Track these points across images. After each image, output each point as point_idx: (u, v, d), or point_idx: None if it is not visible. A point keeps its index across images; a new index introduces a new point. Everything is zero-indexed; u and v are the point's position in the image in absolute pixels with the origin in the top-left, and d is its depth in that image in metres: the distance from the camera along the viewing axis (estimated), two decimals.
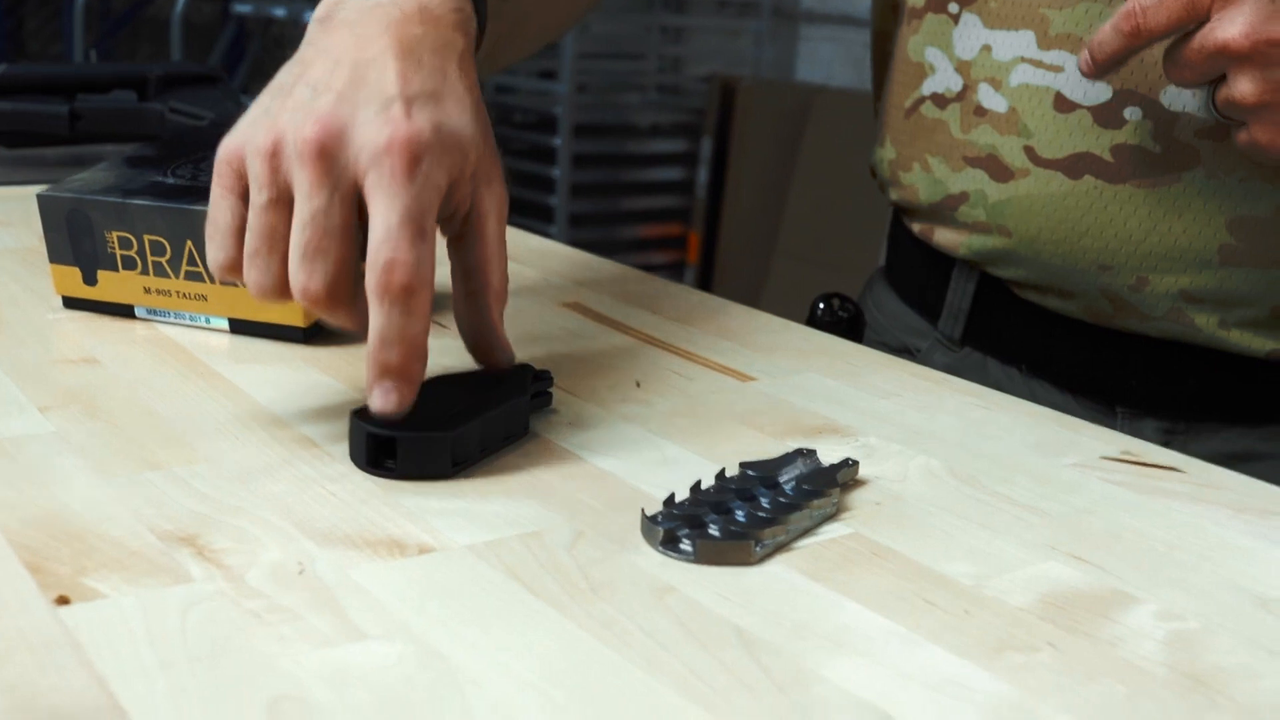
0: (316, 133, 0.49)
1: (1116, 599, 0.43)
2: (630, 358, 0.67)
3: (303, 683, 0.35)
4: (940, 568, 0.45)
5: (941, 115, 0.78)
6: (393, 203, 0.48)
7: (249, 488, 0.48)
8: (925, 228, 0.82)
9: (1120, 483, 0.53)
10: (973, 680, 0.37)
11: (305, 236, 0.49)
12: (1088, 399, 0.76)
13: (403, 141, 0.49)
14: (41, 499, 0.46)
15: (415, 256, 0.48)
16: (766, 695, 0.36)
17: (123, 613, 0.38)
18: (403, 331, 0.48)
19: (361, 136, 0.49)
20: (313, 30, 0.55)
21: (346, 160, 0.49)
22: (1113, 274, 0.72)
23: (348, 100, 0.50)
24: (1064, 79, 0.71)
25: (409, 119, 0.49)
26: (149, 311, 0.68)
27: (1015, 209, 0.74)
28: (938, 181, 0.78)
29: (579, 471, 0.52)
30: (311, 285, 0.49)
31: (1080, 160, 0.71)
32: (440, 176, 0.50)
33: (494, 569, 0.43)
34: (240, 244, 0.51)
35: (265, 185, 0.50)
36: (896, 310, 0.88)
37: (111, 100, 1.16)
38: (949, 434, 0.58)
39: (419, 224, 0.48)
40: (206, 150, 0.72)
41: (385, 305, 0.48)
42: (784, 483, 0.49)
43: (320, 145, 0.49)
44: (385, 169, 0.49)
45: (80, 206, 0.66)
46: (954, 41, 0.77)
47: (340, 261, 0.49)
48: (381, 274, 0.48)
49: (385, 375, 0.49)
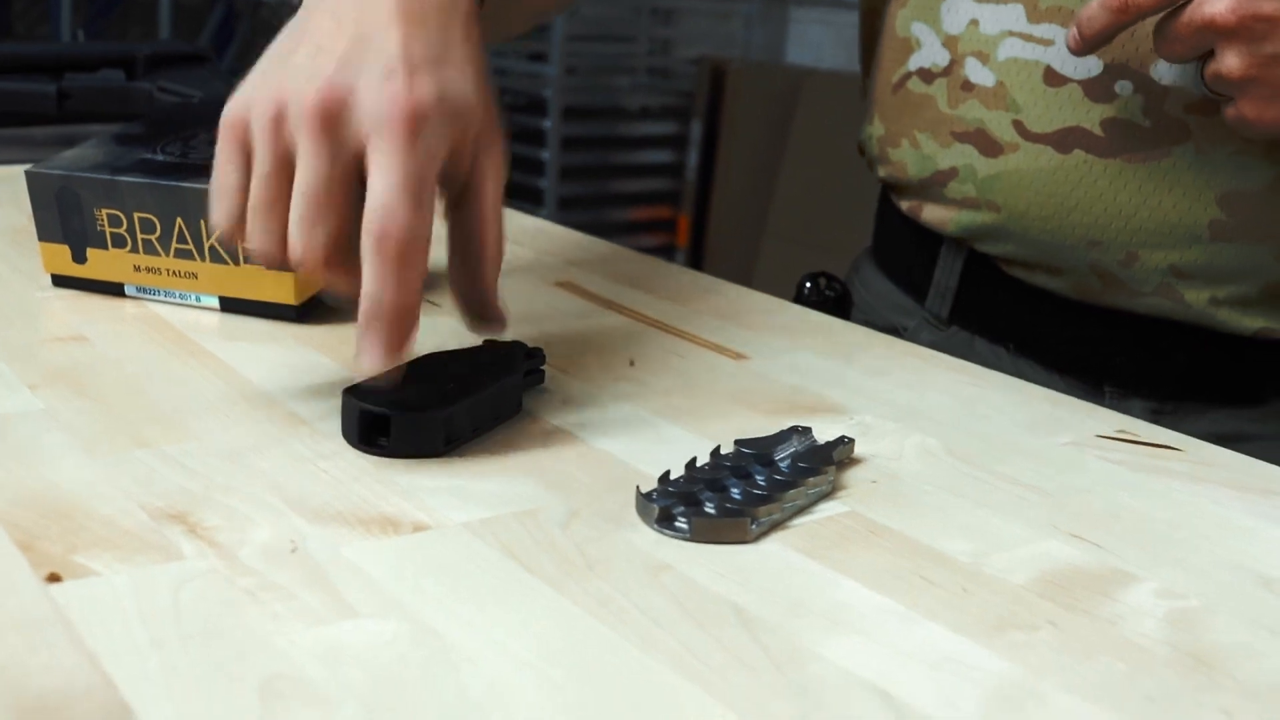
0: (319, 99, 0.49)
1: (1116, 577, 0.43)
2: (624, 337, 0.66)
3: (296, 661, 0.35)
4: (938, 545, 0.44)
5: (929, 90, 0.77)
6: (392, 168, 0.48)
7: (240, 465, 0.48)
8: (914, 205, 0.81)
9: (1119, 461, 0.53)
10: (972, 658, 0.37)
11: (305, 202, 0.49)
12: (1075, 378, 0.76)
13: (405, 109, 0.48)
14: (31, 478, 0.46)
15: (412, 220, 0.48)
16: (764, 673, 0.36)
17: (114, 590, 0.38)
18: (396, 292, 0.48)
19: (364, 103, 0.49)
20: None
21: (349, 127, 0.49)
22: (1102, 249, 0.72)
23: (350, 65, 0.50)
24: (1054, 53, 0.71)
25: (411, 86, 0.49)
26: (139, 289, 0.67)
27: (1004, 184, 0.74)
28: (926, 157, 0.78)
29: (574, 450, 0.51)
30: (310, 250, 0.49)
31: (1070, 134, 0.71)
32: (441, 145, 0.50)
33: (489, 547, 0.42)
34: (244, 206, 0.51)
35: (269, 149, 0.50)
36: (883, 289, 0.87)
37: (100, 79, 1.15)
38: (943, 412, 0.58)
39: (417, 190, 0.48)
40: (195, 127, 0.72)
41: (379, 265, 0.48)
42: (779, 460, 0.49)
43: (323, 111, 0.49)
44: (386, 136, 0.48)
45: (69, 184, 0.66)
46: (941, 16, 0.76)
47: (339, 226, 0.49)
48: (377, 235, 0.48)
49: (374, 334, 0.48)
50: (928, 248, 0.82)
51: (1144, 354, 0.74)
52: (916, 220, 0.81)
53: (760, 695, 0.35)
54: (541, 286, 0.75)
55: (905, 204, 0.83)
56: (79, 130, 1.14)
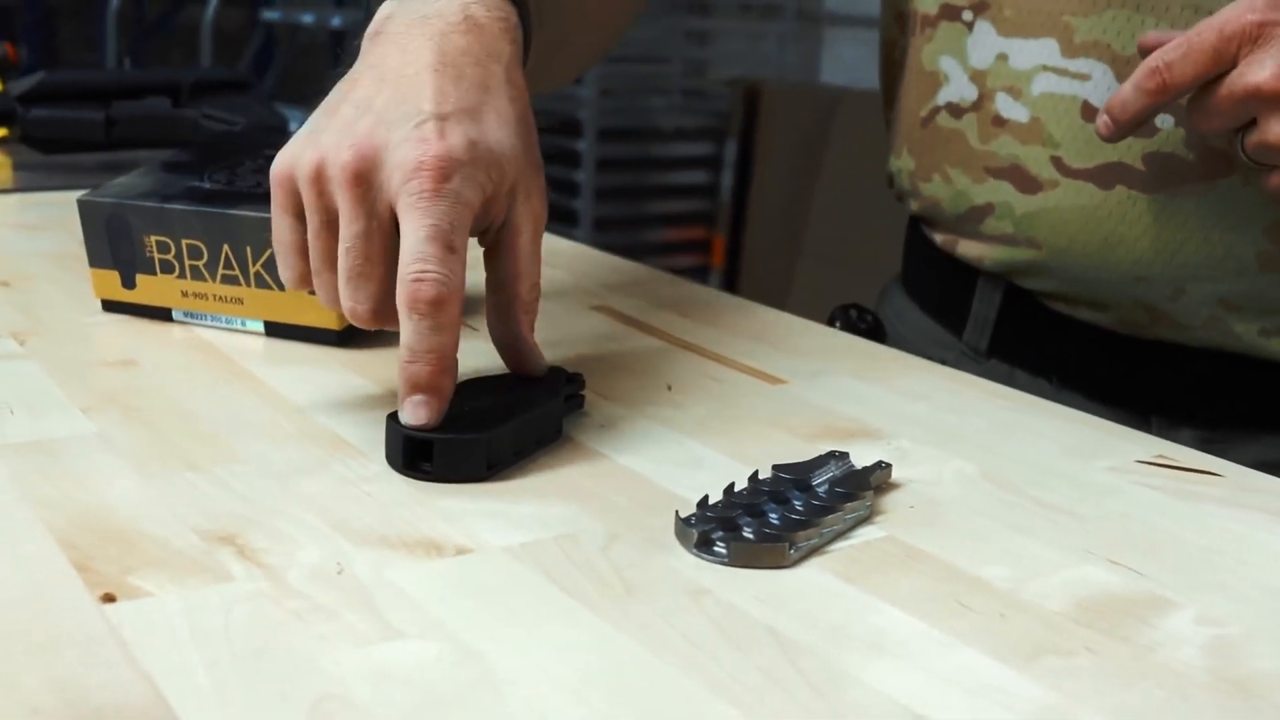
0: (352, 158, 0.50)
1: (1154, 603, 0.43)
2: (660, 360, 0.67)
3: (344, 681, 0.36)
4: (976, 571, 0.45)
5: (958, 125, 0.77)
6: (422, 219, 0.49)
7: (286, 488, 0.49)
8: (949, 239, 0.80)
9: (1156, 487, 0.53)
10: (1009, 684, 0.38)
11: (349, 261, 0.51)
12: (1121, 409, 0.75)
13: (433, 160, 0.50)
14: (85, 499, 0.47)
15: (443, 271, 0.49)
16: (802, 698, 0.36)
17: (167, 611, 0.39)
18: (431, 345, 0.49)
19: (395, 157, 0.50)
20: (365, 45, 0.56)
21: (381, 182, 0.50)
22: (1149, 284, 0.71)
23: (385, 120, 0.51)
24: (1090, 87, 0.70)
25: (442, 137, 0.50)
26: (186, 314, 0.68)
27: (1045, 221, 0.73)
28: (959, 193, 0.77)
29: (612, 474, 0.52)
30: (358, 307, 0.51)
31: (1111, 170, 0.70)
32: (472, 193, 0.51)
33: (530, 570, 0.43)
34: (304, 260, 0.53)
35: (314, 209, 0.52)
36: (917, 321, 0.86)
37: (146, 106, 1.17)
38: (981, 437, 0.58)
39: (448, 239, 0.49)
40: (241, 155, 0.73)
41: (414, 319, 0.49)
42: (817, 485, 0.49)
43: (356, 171, 0.50)
44: (415, 188, 0.50)
45: (120, 211, 0.67)
46: (968, 50, 0.75)
47: (382, 281, 0.51)
48: (410, 288, 0.49)
49: (415, 389, 0.50)
50: (964, 280, 0.81)
51: (1192, 385, 0.73)
52: (951, 254, 0.81)
53: (798, 719, 0.35)
54: (579, 311, 0.75)
55: (939, 237, 0.82)
56: (126, 157, 1.16)
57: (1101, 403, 0.76)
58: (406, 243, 0.50)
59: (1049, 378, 0.78)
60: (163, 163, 0.73)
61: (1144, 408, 0.75)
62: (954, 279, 0.82)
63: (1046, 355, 0.78)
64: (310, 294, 0.54)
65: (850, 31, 3.23)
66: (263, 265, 0.65)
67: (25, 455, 0.50)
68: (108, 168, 1.12)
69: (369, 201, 0.50)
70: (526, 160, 0.54)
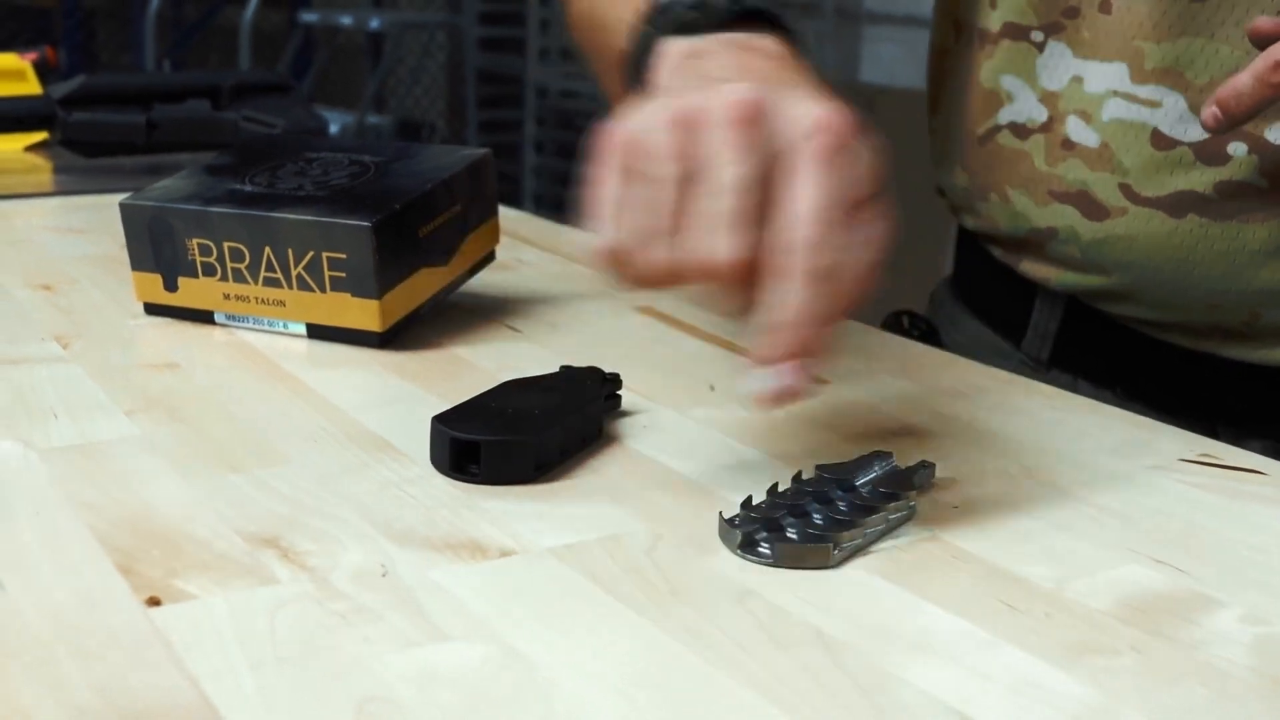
0: (743, 99, 0.45)
1: (1199, 602, 0.43)
2: (703, 361, 0.67)
3: (389, 683, 0.36)
4: (1020, 570, 0.44)
5: (1023, 146, 0.74)
6: (822, 181, 0.45)
7: (329, 490, 0.49)
8: (1009, 256, 0.78)
9: (1200, 485, 0.53)
10: (1053, 683, 0.37)
11: (727, 203, 0.45)
12: (1188, 420, 0.73)
13: (835, 121, 0.46)
14: (130, 501, 0.47)
15: (842, 241, 0.45)
16: (847, 697, 0.36)
17: (212, 614, 0.39)
18: (825, 314, 0.45)
19: (794, 110, 0.46)
20: (676, 61, 0.54)
21: (772, 131, 0.46)
22: (1223, 311, 0.69)
23: (764, 87, 0.47)
24: (1161, 115, 0.67)
25: (836, 107, 0.46)
26: (228, 317, 0.69)
27: (1114, 248, 0.71)
28: (1019, 214, 0.75)
29: (656, 475, 0.52)
30: (728, 253, 0.44)
31: (1182, 198, 0.68)
32: (861, 170, 0.46)
33: (575, 572, 0.43)
34: (624, 226, 0.47)
35: (674, 158, 0.46)
36: (973, 330, 0.84)
37: (186, 109, 1.18)
38: (1024, 436, 0.58)
39: (843, 209, 0.45)
40: (281, 158, 0.74)
41: (810, 285, 0.44)
42: (861, 485, 0.49)
43: (748, 111, 0.45)
44: (816, 146, 0.45)
45: (162, 214, 0.68)
46: (1038, 70, 0.73)
47: (756, 233, 0.45)
48: (811, 253, 0.44)
49: (798, 353, 0.45)
50: (1023, 291, 0.79)
51: (1263, 398, 0.72)
52: (1012, 269, 0.78)
53: (843, 719, 0.35)
54: (622, 311, 0.75)
55: (998, 252, 0.80)
56: (166, 159, 1.17)
57: (1168, 413, 0.74)
58: (802, 202, 0.45)
59: (1113, 388, 0.76)
60: (204, 166, 0.73)
61: (1212, 420, 0.72)
62: (1013, 291, 0.80)
63: (1112, 367, 0.76)
64: (618, 269, 0.48)
65: (889, 30, 3.22)
66: (304, 267, 0.65)
67: (69, 458, 0.51)
68: (149, 171, 1.14)
69: (759, 145, 0.45)
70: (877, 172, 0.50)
